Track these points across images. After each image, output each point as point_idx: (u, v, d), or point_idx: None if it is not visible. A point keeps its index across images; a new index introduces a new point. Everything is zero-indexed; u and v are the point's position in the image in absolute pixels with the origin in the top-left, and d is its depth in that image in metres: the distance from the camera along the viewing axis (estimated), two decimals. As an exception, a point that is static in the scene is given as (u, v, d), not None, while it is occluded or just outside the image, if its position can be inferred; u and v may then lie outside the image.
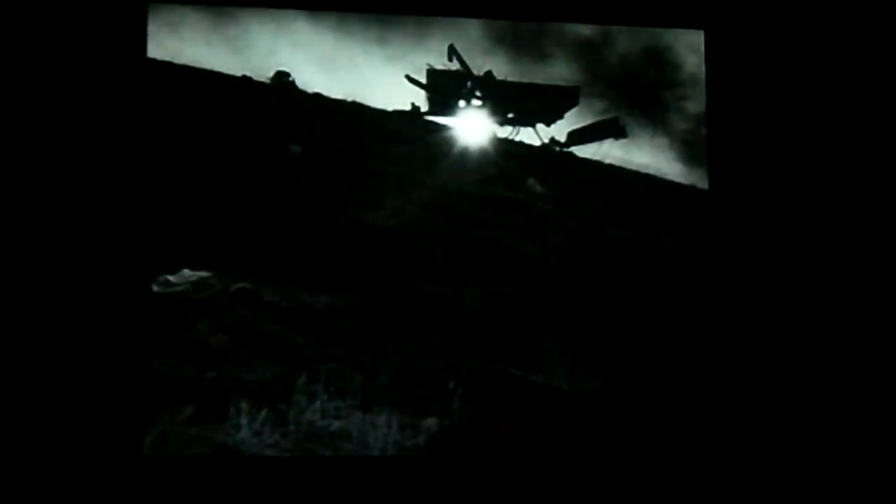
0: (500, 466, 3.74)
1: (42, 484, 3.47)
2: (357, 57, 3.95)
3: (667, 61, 4.12)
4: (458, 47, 4.00)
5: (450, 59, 4.00)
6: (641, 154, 4.12)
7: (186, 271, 3.77)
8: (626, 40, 4.10)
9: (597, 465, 3.81)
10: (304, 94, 3.93)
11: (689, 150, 4.12)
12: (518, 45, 4.05)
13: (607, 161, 4.11)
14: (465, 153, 4.01)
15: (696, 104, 4.12)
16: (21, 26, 3.62)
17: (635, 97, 4.12)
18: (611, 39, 4.09)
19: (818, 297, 3.94)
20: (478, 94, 4.07)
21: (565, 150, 4.10)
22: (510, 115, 4.08)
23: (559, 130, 4.09)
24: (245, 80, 3.90)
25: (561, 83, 4.08)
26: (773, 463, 3.86)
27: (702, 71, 4.09)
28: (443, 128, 4.05)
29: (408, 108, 4.01)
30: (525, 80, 4.05)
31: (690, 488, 3.82)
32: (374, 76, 3.96)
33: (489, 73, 4.04)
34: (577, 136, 4.08)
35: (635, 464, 3.83)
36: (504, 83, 4.04)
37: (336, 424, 3.76)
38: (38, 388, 3.51)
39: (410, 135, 4.02)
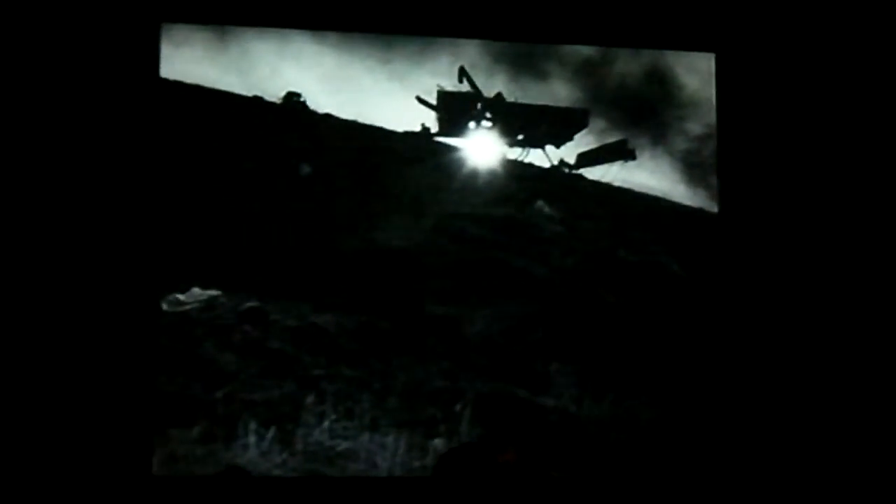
0: (506, 491, 3.73)
1: (52, 502, 3.46)
2: (360, 76, 3.96)
3: (667, 82, 4.13)
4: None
5: (460, 81, 4.00)
6: (643, 174, 4.12)
7: (196, 290, 3.77)
8: (626, 60, 4.11)
9: (604, 490, 3.80)
10: (314, 114, 3.94)
11: (690, 171, 4.13)
12: (518, 64, 4.06)
13: (616, 183, 4.11)
14: (474, 174, 4.02)
15: (696, 125, 4.13)
16: (37, 46, 3.63)
17: (636, 117, 4.13)
18: (610, 59, 4.10)
19: (831, 322, 3.93)
20: (488, 115, 4.07)
21: (574, 171, 4.10)
22: (520, 137, 4.09)
23: (568, 152, 4.10)
24: (256, 100, 3.91)
25: (565, 104, 4.09)
26: (784, 483, 3.85)
27: (702, 92, 4.10)
28: (453, 149, 4.06)
29: (417, 128, 4.02)
30: (525, 98, 4.06)
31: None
32: (378, 95, 3.97)
33: (499, 95, 4.04)
34: (586, 159, 4.09)
35: (643, 487, 3.83)
36: (514, 105, 4.05)
37: (344, 445, 3.76)
38: (48, 404, 3.50)
39: (420, 156, 4.03)
